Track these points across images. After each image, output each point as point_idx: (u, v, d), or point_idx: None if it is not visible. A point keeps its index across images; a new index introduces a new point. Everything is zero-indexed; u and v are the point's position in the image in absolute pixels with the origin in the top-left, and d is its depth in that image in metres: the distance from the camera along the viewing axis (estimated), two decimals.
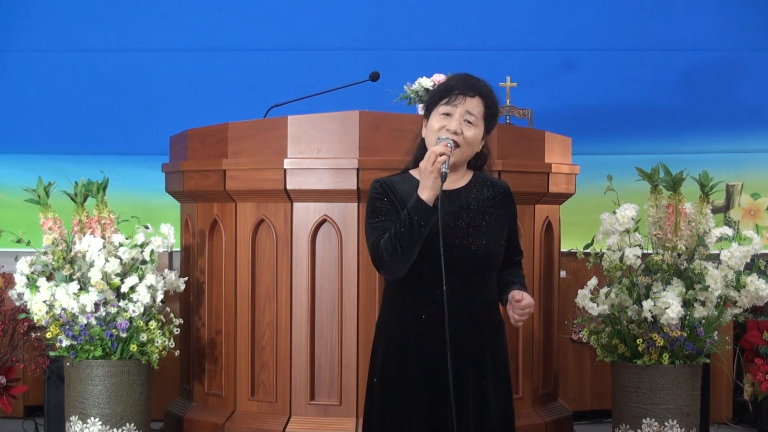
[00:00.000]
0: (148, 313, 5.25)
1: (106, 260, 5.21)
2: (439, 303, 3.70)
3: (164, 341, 5.25)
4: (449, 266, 3.70)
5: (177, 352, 5.40)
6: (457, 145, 3.75)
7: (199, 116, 6.29)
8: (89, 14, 7.10)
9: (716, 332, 5.30)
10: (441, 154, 3.65)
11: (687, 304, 5.21)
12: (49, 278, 5.29)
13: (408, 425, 3.79)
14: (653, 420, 5.24)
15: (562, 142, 5.73)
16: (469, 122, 3.79)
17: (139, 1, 7.11)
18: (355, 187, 5.17)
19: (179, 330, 5.37)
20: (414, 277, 3.75)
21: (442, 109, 3.80)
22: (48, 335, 5.22)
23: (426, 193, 3.66)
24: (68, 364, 5.28)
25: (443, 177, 3.64)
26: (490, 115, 3.86)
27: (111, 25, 7.10)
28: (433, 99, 3.85)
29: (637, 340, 5.23)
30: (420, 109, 5.75)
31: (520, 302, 3.76)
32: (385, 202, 3.79)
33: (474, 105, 3.81)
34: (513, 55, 7.00)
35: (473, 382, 3.80)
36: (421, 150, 3.86)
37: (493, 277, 3.86)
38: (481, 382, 3.82)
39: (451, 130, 3.76)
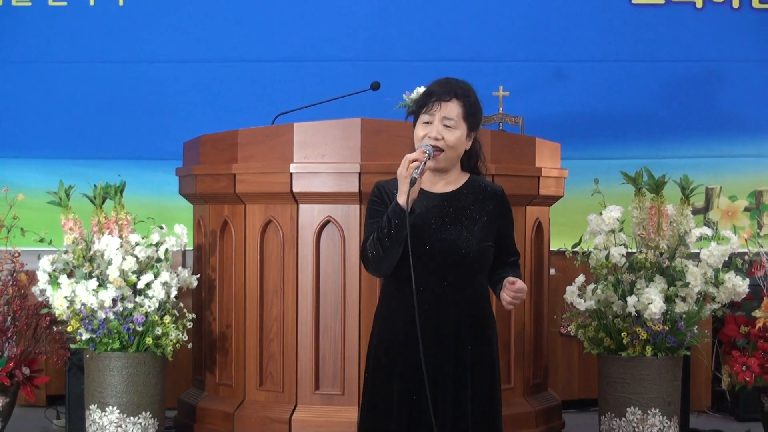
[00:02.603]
0: (162, 308, 5.26)
1: (123, 258, 5.22)
2: (423, 301, 3.69)
3: (178, 335, 5.26)
4: (437, 266, 3.71)
5: (190, 345, 5.42)
6: (440, 150, 3.75)
7: (211, 123, 6.30)
8: (106, 28, 7.12)
9: (696, 326, 5.31)
10: (414, 160, 3.67)
11: (669, 299, 5.21)
12: (69, 275, 5.30)
13: (390, 418, 3.77)
14: (637, 408, 5.25)
15: (551, 148, 5.75)
16: (448, 126, 3.78)
17: (153, 15, 7.12)
18: (357, 190, 5.18)
19: (192, 324, 5.38)
20: (401, 275, 3.73)
21: (423, 117, 3.79)
22: (69, 329, 5.23)
23: (402, 197, 3.64)
24: (88, 356, 5.29)
25: (412, 182, 3.62)
26: (471, 114, 3.81)
27: (127, 38, 7.11)
28: (417, 108, 3.83)
29: (622, 334, 5.23)
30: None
31: (514, 284, 3.72)
32: (380, 205, 3.79)
33: (451, 109, 3.78)
34: (506, 65, 7.01)
35: (454, 379, 3.78)
36: None
37: (482, 276, 3.84)
38: (462, 379, 3.79)
39: (432, 137, 3.75)
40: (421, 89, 5.81)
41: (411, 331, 3.72)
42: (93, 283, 5.20)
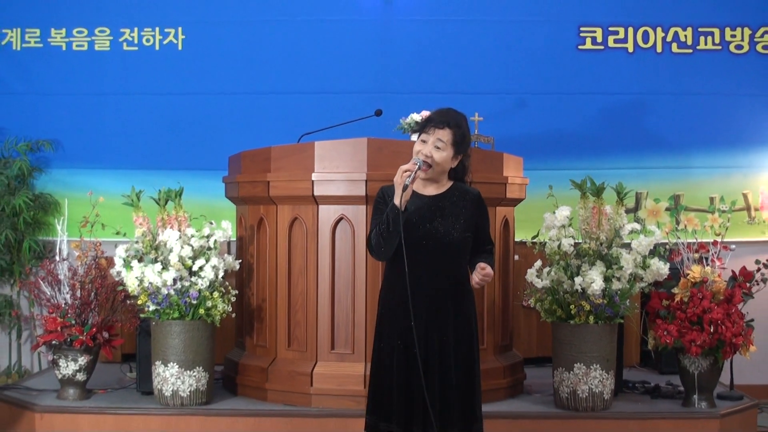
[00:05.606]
0: (212, 286, 5.27)
1: (182, 247, 5.23)
2: (418, 277, 3.72)
3: (224, 306, 5.26)
4: (427, 251, 3.74)
5: (233, 315, 5.42)
6: (429, 165, 3.78)
7: (250, 141, 6.27)
8: (169, 67, 7.10)
9: (628, 300, 5.30)
10: (406, 170, 3.68)
11: (607, 279, 5.21)
12: (139, 260, 5.30)
13: (392, 359, 3.81)
14: (582, 364, 5.24)
15: (516, 161, 5.74)
16: (438, 147, 3.80)
17: (205, 57, 7.10)
18: (364, 194, 5.17)
19: (235, 298, 5.38)
20: (399, 259, 3.75)
21: (421, 137, 3.84)
22: (139, 302, 5.24)
23: (397, 199, 3.68)
24: (154, 323, 5.30)
25: (404, 187, 3.66)
26: (458, 141, 3.84)
27: (185, 75, 7.09)
28: (420, 128, 3.88)
29: (571, 306, 5.23)
30: (412, 136, 5.76)
31: (483, 270, 3.78)
32: (383, 204, 3.84)
33: (443, 134, 3.81)
34: (480, 96, 6.99)
35: (439, 334, 3.80)
36: None
37: (462, 259, 3.86)
38: (444, 339, 3.82)
39: (423, 153, 3.80)
40: (414, 115, 5.84)
41: (406, 303, 3.74)
42: (158, 266, 5.21)
